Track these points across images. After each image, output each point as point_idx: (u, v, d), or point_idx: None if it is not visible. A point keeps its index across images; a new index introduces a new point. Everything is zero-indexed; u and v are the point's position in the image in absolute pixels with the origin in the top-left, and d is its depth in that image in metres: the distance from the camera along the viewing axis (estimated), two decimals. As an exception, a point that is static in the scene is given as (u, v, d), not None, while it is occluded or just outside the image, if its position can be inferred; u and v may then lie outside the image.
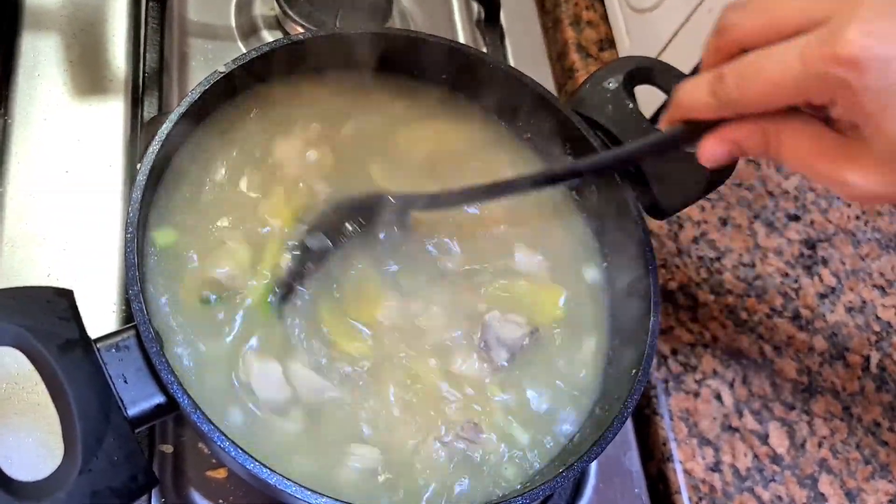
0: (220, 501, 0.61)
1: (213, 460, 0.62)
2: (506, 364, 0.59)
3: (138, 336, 0.48)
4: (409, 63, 0.66)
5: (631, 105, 0.64)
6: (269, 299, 0.57)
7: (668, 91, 0.67)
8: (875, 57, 0.37)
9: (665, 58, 0.75)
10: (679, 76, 0.66)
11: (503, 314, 0.60)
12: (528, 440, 0.57)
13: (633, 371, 0.57)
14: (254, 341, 0.55)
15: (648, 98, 0.76)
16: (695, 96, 0.45)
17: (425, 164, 0.67)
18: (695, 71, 0.75)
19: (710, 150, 0.46)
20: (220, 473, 0.62)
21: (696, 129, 0.46)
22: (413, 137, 0.69)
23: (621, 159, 0.57)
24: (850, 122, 0.41)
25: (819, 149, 0.43)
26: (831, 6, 0.40)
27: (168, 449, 0.62)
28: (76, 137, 0.71)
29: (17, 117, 0.71)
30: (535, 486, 0.50)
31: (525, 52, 0.91)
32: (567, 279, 0.65)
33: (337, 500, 0.46)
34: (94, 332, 0.48)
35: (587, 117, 0.65)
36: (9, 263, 0.65)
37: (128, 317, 0.65)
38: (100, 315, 0.64)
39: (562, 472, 0.51)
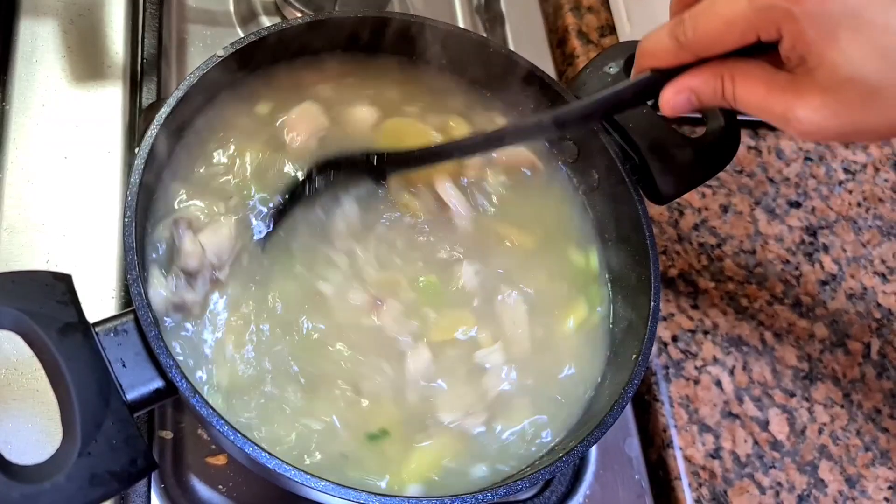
0: (220, 487, 0.61)
1: (213, 446, 0.62)
2: None
3: (137, 320, 0.48)
4: (408, 47, 0.66)
5: (631, 90, 0.63)
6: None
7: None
8: None
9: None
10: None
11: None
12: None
13: (634, 356, 0.56)
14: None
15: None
16: (657, 42, 0.48)
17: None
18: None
19: (669, 98, 0.48)
20: (220, 460, 0.62)
21: (661, 78, 0.48)
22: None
23: (591, 109, 0.56)
24: (798, 57, 0.43)
25: (769, 88, 0.44)
26: None
27: (167, 435, 0.62)
28: (74, 123, 0.71)
29: (16, 103, 0.71)
30: (535, 471, 0.50)
31: (525, 39, 0.91)
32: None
33: (336, 483, 0.46)
34: (93, 318, 0.48)
35: (587, 102, 0.64)
36: (8, 250, 0.65)
37: (127, 303, 0.65)
38: (99, 301, 0.64)
39: (561, 456, 0.51)
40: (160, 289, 0.52)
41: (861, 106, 0.42)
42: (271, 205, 0.59)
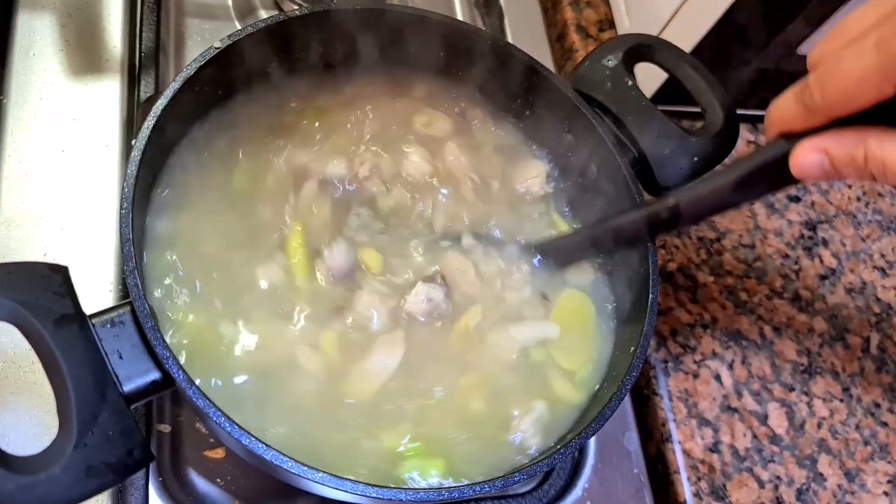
0: (218, 480, 0.61)
1: (211, 440, 0.62)
2: None
3: (133, 312, 0.47)
4: (407, 41, 0.66)
5: (630, 82, 0.63)
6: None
7: (667, 69, 0.66)
8: None
9: (665, 37, 0.74)
10: (680, 54, 0.66)
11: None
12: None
13: (632, 349, 0.56)
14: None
15: (648, 76, 0.75)
16: (783, 109, 0.45)
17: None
18: (695, 51, 0.75)
19: (799, 157, 0.45)
20: (218, 453, 0.62)
21: (793, 141, 0.45)
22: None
23: (724, 187, 0.51)
24: None
25: None
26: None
27: (165, 429, 0.62)
28: (72, 117, 0.71)
29: (13, 97, 0.71)
30: (534, 462, 0.50)
31: (524, 33, 0.90)
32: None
33: (333, 475, 0.46)
34: (90, 310, 0.48)
35: (586, 94, 0.64)
36: (5, 243, 0.65)
37: (124, 296, 0.64)
38: (96, 294, 0.64)
39: (559, 448, 0.51)
40: None
41: None
42: None
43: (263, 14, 0.82)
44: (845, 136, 0.43)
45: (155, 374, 0.47)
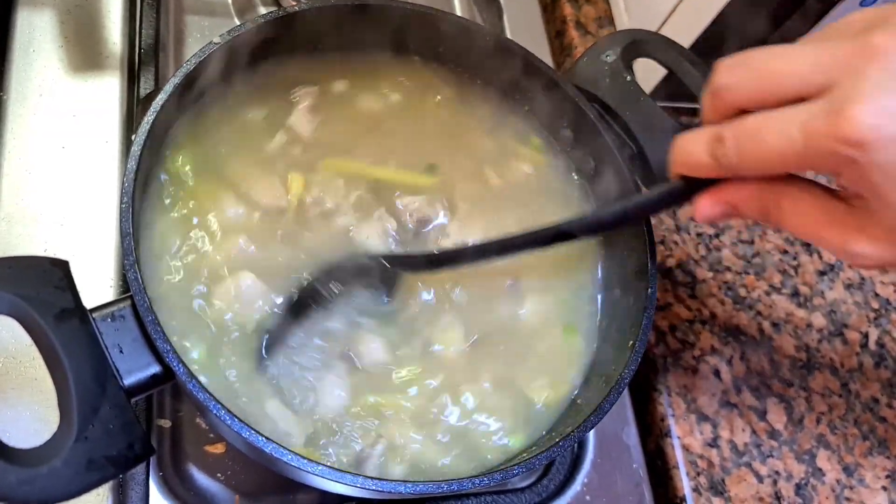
0: (219, 475, 0.61)
1: (211, 435, 0.62)
2: None
3: (134, 306, 0.48)
4: (406, 36, 0.66)
5: (629, 78, 0.63)
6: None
7: (666, 64, 0.66)
8: (882, 137, 0.36)
9: (664, 33, 0.74)
10: (678, 50, 0.66)
11: None
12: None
13: (631, 343, 0.56)
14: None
15: (647, 71, 0.75)
16: (693, 155, 0.44)
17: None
18: (694, 47, 0.75)
19: (705, 210, 0.45)
20: (218, 448, 0.63)
21: (696, 184, 0.45)
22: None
23: (619, 217, 0.53)
24: (856, 194, 0.40)
25: (823, 218, 0.41)
26: (831, 73, 0.38)
27: (166, 423, 0.62)
28: (72, 113, 0.71)
29: (13, 93, 0.71)
30: (533, 455, 0.50)
31: (523, 29, 0.91)
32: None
33: (333, 468, 0.46)
34: (91, 305, 0.48)
35: (585, 90, 0.64)
36: (5, 239, 0.65)
37: (124, 292, 0.64)
38: (97, 289, 0.64)
39: (558, 441, 0.51)
40: None
41: None
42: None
43: (262, 10, 0.82)
44: (748, 191, 0.43)
45: (155, 368, 0.47)
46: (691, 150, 0.44)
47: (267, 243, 0.58)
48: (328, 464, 0.46)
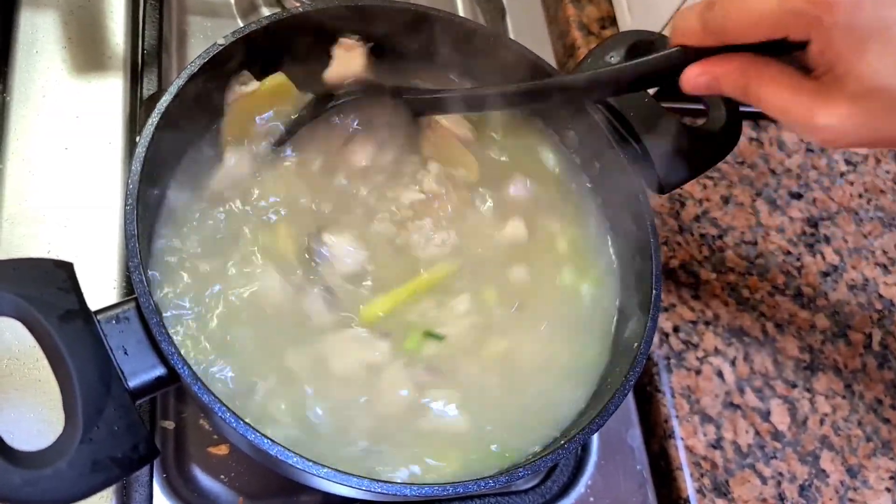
0: (222, 477, 0.61)
1: (215, 436, 0.62)
2: None
3: (139, 308, 0.48)
4: (410, 37, 0.66)
5: (633, 79, 0.63)
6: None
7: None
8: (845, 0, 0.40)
9: (667, 34, 0.74)
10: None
11: None
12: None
13: (635, 345, 0.56)
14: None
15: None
16: (685, 20, 0.48)
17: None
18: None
19: (691, 77, 0.48)
20: (222, 450, 0.63)
21: (689, 57, 0.49)
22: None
23: (620, 75, 0.56)
24: (825, 63, 0.43)
25: (795, 92, 0.44)
26: None
27: (170, 425, 0.62)
28: (75, 114, 0.71)
29: (16, 94, 0.71)
30: (538, 458, 0.50)
31: (526, 30, 0.90)
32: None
33: (338, 470, 0.46)
34: (94, 306, 0.48)
35: (588, 91, 0.64)
36: (8, 240, 0.65)
37: (128, 293, 0.65)
38: (101, 291, 0.64)
39: (563, 443, 0.51)
40: None
41: (886, 115, 0.42)
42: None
43: (266, 11, 0.82)
44: (732, 65, 0.47)
45: (160, 370, 0.47)
46: (686, 16, 0.48)
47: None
48: (332, 466, 0.46)
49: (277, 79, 0.61)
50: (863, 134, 0.43)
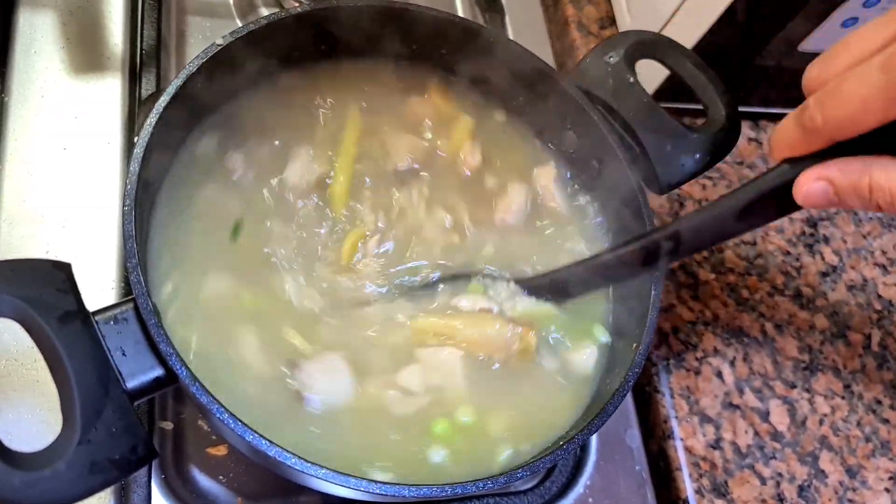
0: (221, 478, 0.61)
1: (214, 437, 0.62)
2: None
3: (137, 309, 0.47)
4: (409, 37, 0.66)
5: (632, 79, 0.63)
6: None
7: (669, 66, 0.66)
8: None
9: (666, 35, 0.74)
10: (682, 51, 0.66)
11: None
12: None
13: (634, 345, 0.56)
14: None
15: (650, 73, 0.75)
16: (784, 132, 0.44)
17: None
18: (697, 48, 0.75)
19: (803, 186, 0.44)
20: (221, 450, 0.62)
21: (797, 171, 0.45)
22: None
23: (729, 218, 0.50)
24: None
25: None
26: None
27: (168, 426, 0.62)
28: (74, 115, 0.71)
29: (15, 95, 0.71)
30: (537, 459, 0.50)
31: (525, 30, 0.90)
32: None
33: (337, 471, 0.46)
34: (93, 307, 0.48)
35: (588, 92, 0.64)
36: (7, 241, 0.65)
37: (126, 294, 0.64)
38: (99, 292, 0.64)
39: (562, 444, 0.51)
40: None
41: None
42: None
43: (265, 11, 0.81)
44: (850, 164, 0.42)
45: (158, 371, 0.47)
46: (782, 128, 0.45)
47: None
48: (330, 467, 0.46)
49: None
50: None
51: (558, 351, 0.61)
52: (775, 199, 0.47)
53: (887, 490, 0.73)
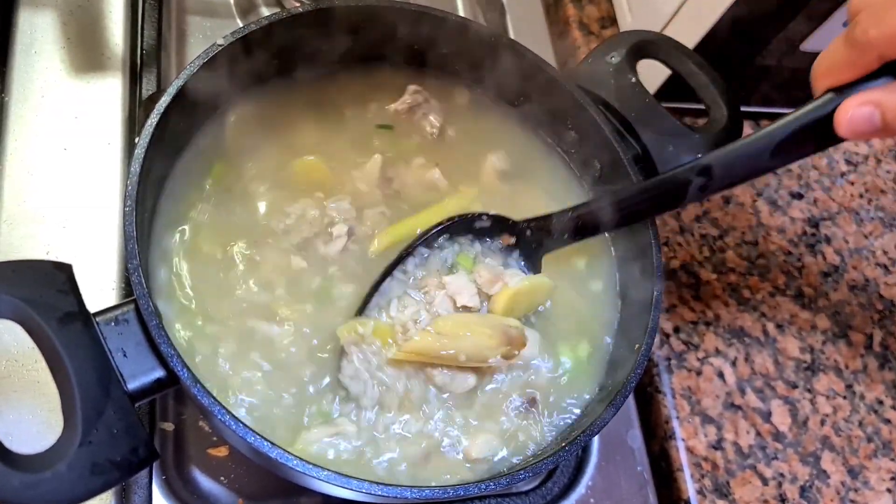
0: (222, 478, 0.61)
1: (214, 438, 0.62)
2: None
3: (138, 310, 0.47)
4: (409, 37, 0.66)
5: (633, 79, 0.63)
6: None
7: (671, 66, 0.66)
8: None
9: (668, 34, 0.74)
10: (682, 51, 0.66)
11: None
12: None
13: (636, 346, 0.56)
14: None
15: (651, 72, 0.75)
16: (831, 55, 0.43)
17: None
18: (698, 48, 0.75)
19: (847, 111, 0.42)
20: (222, 451, 0.62)
21: (843, 94, 0.43)
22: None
23: (762, 145, 0.48)
24: None
25: None
26: None
27: (169, 427, 0.62)
28: (74, 115, 0.71)
29: (15, 95, 0.70)
30: (539, 460, 0.50)
31: (526, 30, 0.90)
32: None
33: (338, 473, 0.46)
34: (94, 308, 0.48)
35: (589, 91, 0.64)
36: (7, 241, 0.64)
37: (126, 295, 0.64)
38: (100, 292, 0.64)
39: (564, 446, 0.51)
40: None
41: None
42: None
43: (265, 11, 0.81)
44: (890, 85, 0.41)
45: (159, 373, 0.47)
46: (828, 51, 0.43)
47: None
48: (332, 469, 0.46)
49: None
50: None
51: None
52: (814, 133, 0.45)
53: (889, 490, 0.73)
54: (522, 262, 0.62)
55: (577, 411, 0.58)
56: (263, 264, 0.58)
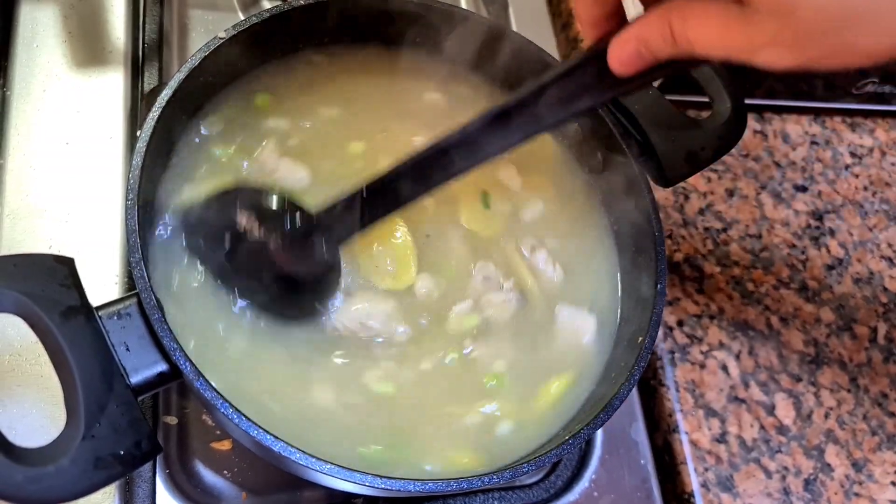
0: (225, 472, 0.61)
1: (218, 431, 0.62)
2: None
3: (140, 303, 0.47)
4: (412, 29, 0.65)
5: (637, 71, 0.63)
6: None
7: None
8: None
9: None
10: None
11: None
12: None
13: (640, 339, 0.56)
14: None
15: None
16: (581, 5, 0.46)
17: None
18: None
19: (616, 52, 0.45)
20: (225, 445, 0.62)
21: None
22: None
23: (532, 92, 0.49)
24: None
25: (725, 22, 0.40)
26: None
27: (172, 420, 0.62)
28: (76, 109, 0.71)
29: (17, 89, 0.70)
30: (542, 454, 0.50)
31: (529, 22, 0.90)
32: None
33: (341, 466, 0.46)
34: (96, 302, 0.48)
35: (592, 84, 0.63)
36: (10, 236, 0.64)
37: (129, 289, 0.64)
38: (102, 286, 0.64)
39: (568, 439, 0.50)
40: None
41: (821, 30, 0.37)
42: None
43: (267, 4, 0.81)
44: (650, 19, 0.43)
45: (162, 366, 0.47)
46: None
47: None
48: (335, 462, 0.46)
49: None
50: (805, 51, 0.38)
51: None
52: (591, 80, 0.48)
53: (894, 483, 0.73)
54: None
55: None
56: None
